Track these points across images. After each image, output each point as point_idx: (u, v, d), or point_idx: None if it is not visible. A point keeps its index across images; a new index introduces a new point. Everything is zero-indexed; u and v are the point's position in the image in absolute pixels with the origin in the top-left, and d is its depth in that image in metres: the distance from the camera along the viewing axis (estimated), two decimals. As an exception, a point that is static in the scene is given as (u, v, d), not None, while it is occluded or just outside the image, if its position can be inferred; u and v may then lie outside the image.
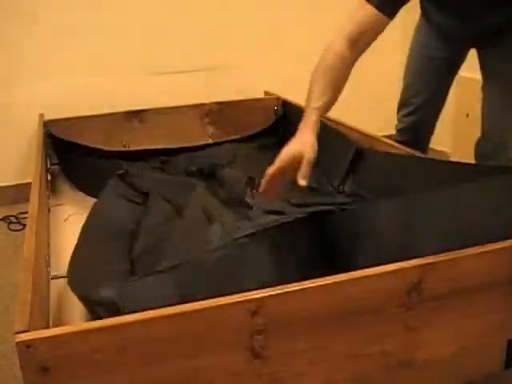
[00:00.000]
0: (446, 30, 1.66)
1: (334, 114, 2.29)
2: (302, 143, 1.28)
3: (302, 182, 1.23)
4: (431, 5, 1.63)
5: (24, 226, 2.30)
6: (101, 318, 0.98)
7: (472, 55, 1.70)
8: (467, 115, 2.55)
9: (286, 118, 2.62)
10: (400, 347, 1.13)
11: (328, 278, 1.04)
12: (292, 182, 2.04)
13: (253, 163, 2.23)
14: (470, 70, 1.74)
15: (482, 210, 1.15)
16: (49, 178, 2.20)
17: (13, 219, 2.42)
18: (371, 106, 2.90)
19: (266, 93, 2.80)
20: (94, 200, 1.89)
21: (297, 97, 2.62)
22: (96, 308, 1.13)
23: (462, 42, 1.70)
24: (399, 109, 1.93)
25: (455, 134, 2.68)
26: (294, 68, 2.89)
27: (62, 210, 1.98)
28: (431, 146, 1.98)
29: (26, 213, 1.45)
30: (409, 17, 1.72)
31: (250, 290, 1.00)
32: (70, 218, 1.89)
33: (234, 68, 2.82)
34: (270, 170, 1.29)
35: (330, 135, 2.18)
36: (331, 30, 2.97)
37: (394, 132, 2.00)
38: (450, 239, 1.11)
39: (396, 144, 1.88)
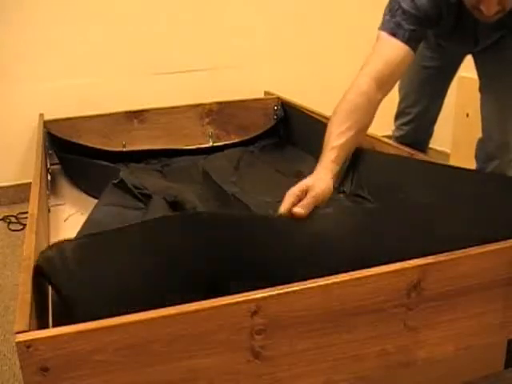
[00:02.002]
0: (444, 46, 1.66)
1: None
2: (315, 179, 1.20)
3: (297, 210, 1.13)
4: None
5: (24, 225, 2.30)
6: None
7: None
8: (467, 115, 2.55)
9: (285, 119, 2.62)
10: (400, 347, 1.13)
11: (328, 277, 1.04)
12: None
13: (256, 169, 2.25)
14: (470, 69, 1.74)
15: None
16: (49, 178, 2.20)
17: (13, 219, 2.42)
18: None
19: (266, 93, 2.81)
20: (94, 200, 1.89)
21: (297, 97, 2.62)
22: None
23: (459, 52, 1.70)
24: (397, 117, 1.93)
25: (455, 134, 2.68)
26: (294, 68, 2.90)
27: (62, 210, 1.97)
28: (431, 146, 1.98)
29: (26, 213, 1.45)
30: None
31: (249, 290, 1.00)
32: (70, 218, 1.89)
33: (234, 68, 2.82)
34: (283, 208, 1.16)
35: None
36: (331, 30, 2.98)
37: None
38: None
39: (396, 144, 1.88)
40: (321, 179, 1.20)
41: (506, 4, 1.22)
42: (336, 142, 1.25)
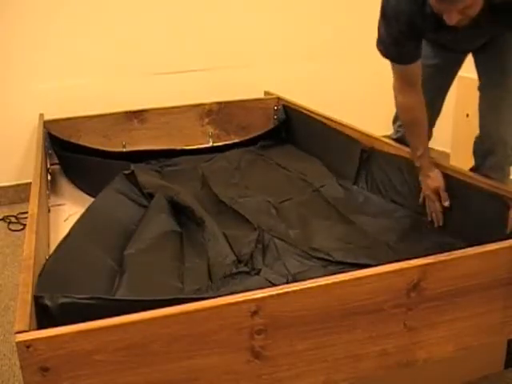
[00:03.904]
0: (441, 44, 1.67)
1: (335, 114, 2.31)
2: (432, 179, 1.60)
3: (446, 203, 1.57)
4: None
5: (24, 225, 2.30)
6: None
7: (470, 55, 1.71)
8: (467, 115, 2.55)
9: (286, 119, 2.61)
10: (400, 347, 1.13)
11: (328, 277, 1.04)
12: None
13: (256, 166, 2.26)
14: (470, 70, 1.74)
15: None
16: (49, 178, 2.20)
17: (13, 219, 2.42)
18: (371, 107, 2.91)
19: (266, 93, 2.81)
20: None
21: (297, 97, 2.62)
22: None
23: (459, 51, 1.71)
24: (395, 120, 1.92)
25: (455, 134, 2.67)
26: (294, 68, 2.89)
27: (62, 210, 1.97)
28: (431, 146, 1.98)
29: (26, 213, 1.45)
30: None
31: (249, 291, 1.00)
32: (70, 218, 1.89)
33: (234, 68, 2.82)
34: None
35: (333, 136, 2.19)
36: (331, 30, 2.98)
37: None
38: None
39: (396, 144, 1.88)
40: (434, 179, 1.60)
41: (469, 13, 1.26)
42: (418, 151, 1.63)
